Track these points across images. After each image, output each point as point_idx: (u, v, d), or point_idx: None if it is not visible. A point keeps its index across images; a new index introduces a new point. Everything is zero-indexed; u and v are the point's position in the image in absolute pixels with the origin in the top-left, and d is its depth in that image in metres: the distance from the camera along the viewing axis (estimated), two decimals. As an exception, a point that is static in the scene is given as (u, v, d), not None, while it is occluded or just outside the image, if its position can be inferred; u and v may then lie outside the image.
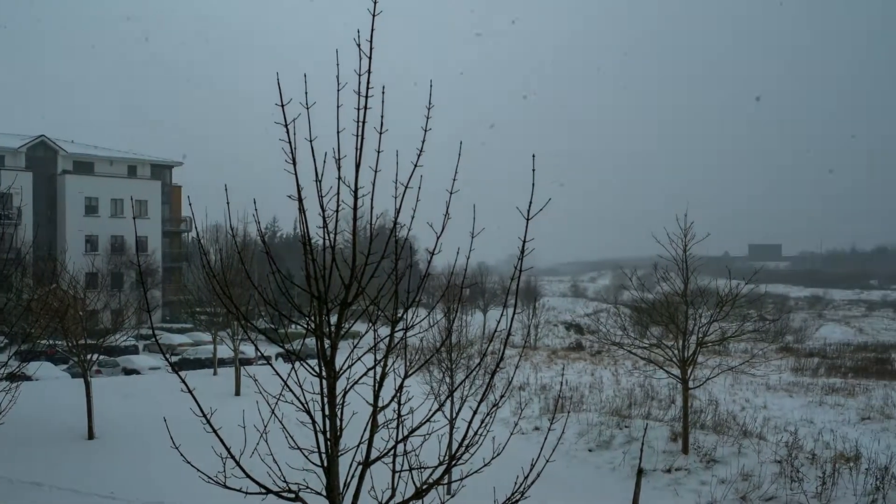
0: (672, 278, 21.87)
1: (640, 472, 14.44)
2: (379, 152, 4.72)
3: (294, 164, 4.81)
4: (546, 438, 5.55)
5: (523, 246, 4.86)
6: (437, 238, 5.03)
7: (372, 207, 4.98)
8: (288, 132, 4.71)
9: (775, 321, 62.85)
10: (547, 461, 5.35)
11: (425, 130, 4.90)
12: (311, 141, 4.70)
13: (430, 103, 4.87)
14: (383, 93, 4.69)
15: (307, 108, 4.63)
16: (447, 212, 4.99)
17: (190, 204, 6.32)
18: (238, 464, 5.13)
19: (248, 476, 5.08)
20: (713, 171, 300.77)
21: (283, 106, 4.63)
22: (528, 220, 4.75)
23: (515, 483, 5.38)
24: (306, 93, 4.64)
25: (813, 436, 21.78)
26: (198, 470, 5.19)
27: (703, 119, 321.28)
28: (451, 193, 5.00)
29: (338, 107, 4.68)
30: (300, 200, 4.91)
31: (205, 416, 4.98)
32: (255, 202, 5.44)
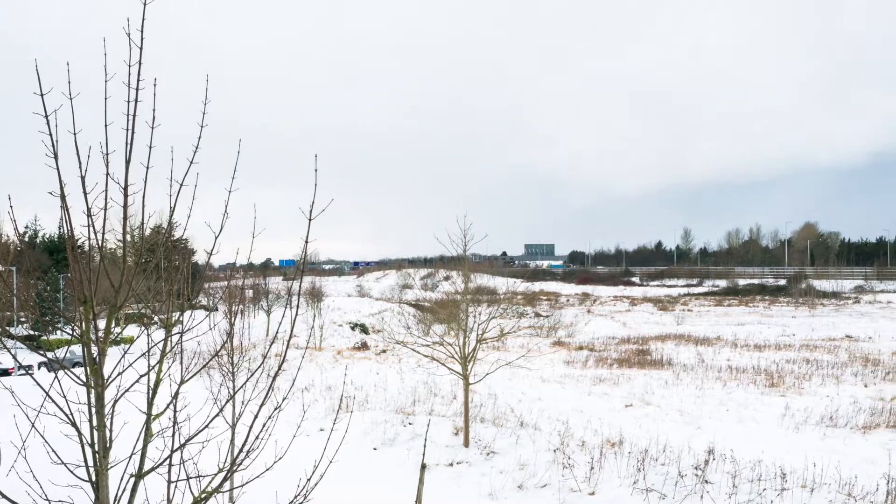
0: (454, 277, 22.56)
1: (423, 468, 14.73)
2: (151, 147, 4.50)
3: (56, 158, 4.48)
4: (329, 439, 5.51)
5: (305, 246, 4.81)
6: (216, 238, 4.87)
7: (144, 206, 4.73)
8: (49, 123, 4.37)
9: (548, 317, 66.46)
10: (330, 462, 5.32)
11: (201, 126, 4.73)
12: (74, 134, 4.40)
13: (206, 99, 4.70)
14: (155, 85, 4.47)
15: (70, 99, 4.33)
16: (226, 210, 4.85)
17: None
18: (-8, 484, 4.71)
19: (3, 496, 4.67)
20: (491, 171, 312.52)
21: (42, 95, 4.30)
22: (310, 220, 4.71)
23: (298, 485, 5.31)
24: (69, 82, 4.34)
25: (583, 424, 23.12)
26: (-57, 494, 4.71)
27: (483, 120, 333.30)
28: (230, 192, 4.86)
29: (105, 99, 4.41)
30: (63, 198, 4.58)
31: (-49, 433, 4.53)
32: (10, 198, 5.01)
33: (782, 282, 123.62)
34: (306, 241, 4.79)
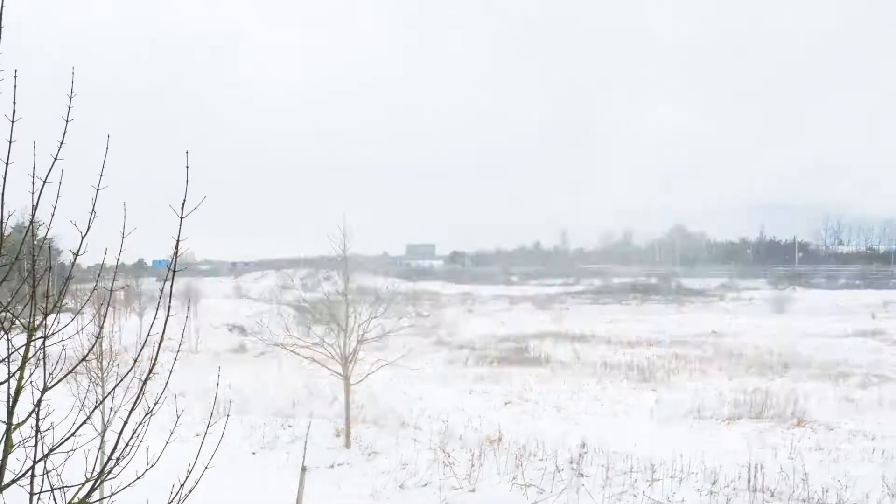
0: (335, 278, 22.38)
1: (303, 470, 14.57)
2: (11, 142, 4.26)
3: None
4: (203, 443, 5.37)
5: (177, 246, 4.66)
6: (83, 237, 4.66)
7: (3, 203, 4.48)
8: None
9: (430, 317, 66.85)
10: (206, 467, 5.18)
11: (67, 121, 4.52)
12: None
13: (72, 92, 4.50)
14: (15, 77, 4.24)
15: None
16: (94, 209, 4.64)
17: None
18: None
19: None
20: (371, 172, 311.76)
21: None
22: (182, 218, 4.56)
23: (171, 492, 5.14)
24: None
25: (463, 422, 23.37)
26: None
27: (367, 121, 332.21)
28: (97, 190, 4.66)
29: (-41, 90, 4.15)
30: (-88, 195, 4.29)
31: None
32: None
33: (653, 280, 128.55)
34: (178, 241, 4.65)
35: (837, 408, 25.71)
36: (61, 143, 4.54)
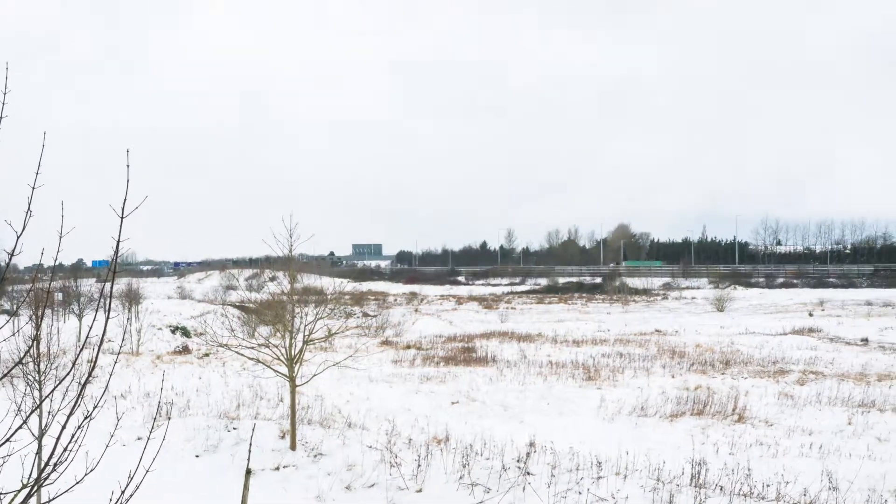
0: (280, 278, 22.15)
1: (248, 473, 14.39)
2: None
3: None
4: (145, 447, 5.26)
5: (117, 246, 4.56)
6: (18, 237, 4.53)
7: (-65, 202, 4.35)
8: None
9: (376, 317, 66.66)
10: (147, 471, 5.08)
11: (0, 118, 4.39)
12: None
13: (6, 88, 4.37)
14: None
15: None
16: (29, 208, 4.52)
17: None
18: None
19: None
20: (320, 171, 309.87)
21: None
22: (122, 218, 4.47)
23: (112, 498, 5.03)
24: None
25: (410, 422, 23.34)
26: None
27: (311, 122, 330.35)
28: (33, 189, 4.53)
29: None
30: None
31: None
32: None
33: (598, 280, 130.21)
34: (118, 241, 4.55)
35: (776, 404, 26.31)
36: (-6, 140, 4.41)
